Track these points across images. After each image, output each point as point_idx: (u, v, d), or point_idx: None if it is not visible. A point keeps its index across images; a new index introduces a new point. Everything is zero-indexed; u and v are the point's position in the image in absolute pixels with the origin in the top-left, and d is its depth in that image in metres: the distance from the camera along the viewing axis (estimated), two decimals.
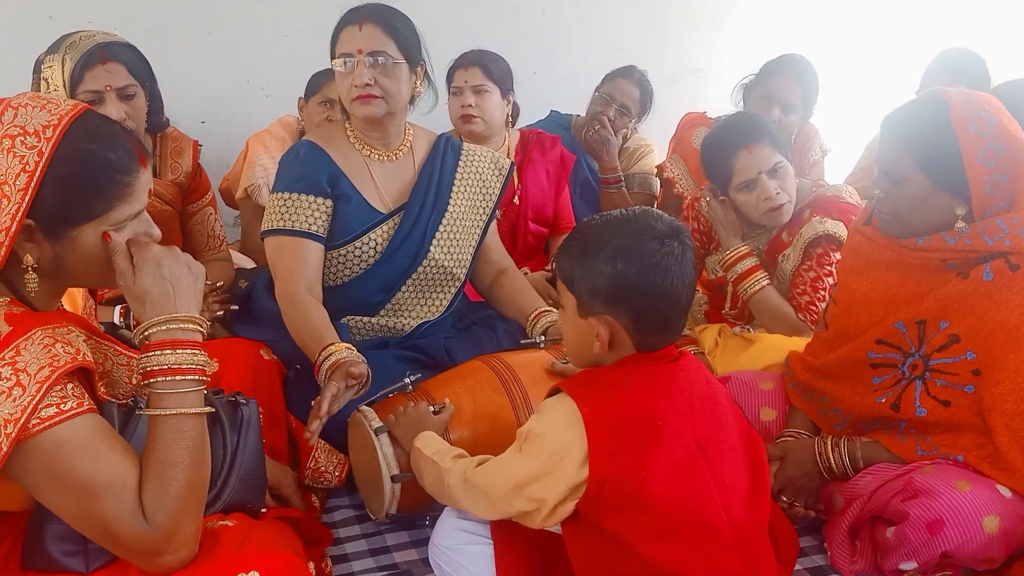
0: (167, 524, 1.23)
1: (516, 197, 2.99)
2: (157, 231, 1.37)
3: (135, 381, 1.38)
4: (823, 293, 2.30)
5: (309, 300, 2.03)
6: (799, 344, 2.12)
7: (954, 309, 1.74)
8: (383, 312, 2.22)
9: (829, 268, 2.31)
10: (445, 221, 2.23)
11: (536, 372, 1.91)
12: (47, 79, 2.20)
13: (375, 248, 2.16)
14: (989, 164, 1.69)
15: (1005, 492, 1.66)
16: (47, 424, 1.19)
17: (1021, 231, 1.67)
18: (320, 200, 2.11)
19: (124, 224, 1.31)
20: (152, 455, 1.26)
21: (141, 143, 1.36)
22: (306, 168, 2.13)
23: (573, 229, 1.52)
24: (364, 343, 2.14)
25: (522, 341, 2.12)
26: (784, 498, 1.85)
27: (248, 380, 1.93)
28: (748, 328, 2.44)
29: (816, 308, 2.30)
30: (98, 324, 1.60)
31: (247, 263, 2.86)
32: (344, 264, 2.16)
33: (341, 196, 2.13)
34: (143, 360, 1.29)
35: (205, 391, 1.33)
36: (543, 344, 2.06)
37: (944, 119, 1.71)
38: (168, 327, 1.30)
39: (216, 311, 2.25)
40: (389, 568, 1.82)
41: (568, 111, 3.57)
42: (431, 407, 1.79)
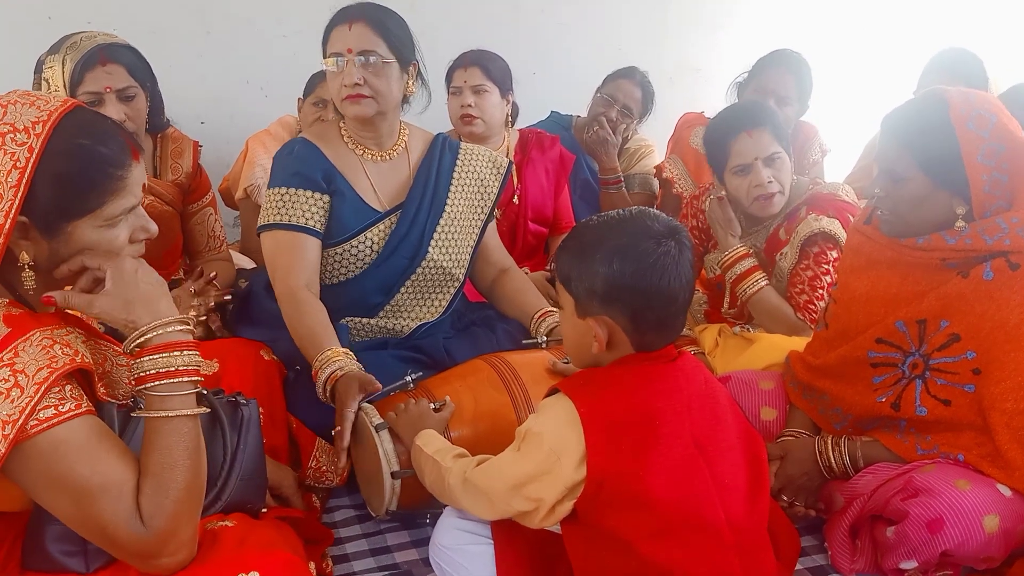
0: (164, 527, 1.23)
1: (516, 197, 2.99)
2: (154, 226, 1.37)
3: (133, 383, 1.38)
4: (821, 292, 2.30)
5: (308, 298, 2.02)
6: (799, 344, 2.12)
7: (954, 308, 1.74)
8: (382, 314, 2.21)
9: (826, 266, 2.30)
10: (443, 221, 2.22)
11: (537, 371, 1.91)
12: (48, 79, 2.21)
13: (372, 248, 2.15)
14: (989, 163, 1.69)
15: (1005, 491, 1.66)
16: (45, 425, 1.19)
17: (1021, 230, 1.67)
18: (317, 195, 2.10)
19: (119, 219, 1.30)
20: (150, 458, 1.26)
21: (133, 137, 1.35)
22: (302, 164, 2.12)
23: (571, 229, 1.53)
24: (363, 343, 2.14)
25: (524, 341, 2.12)
26: (784, 497, 1.85)
27: (248, 380, 1.92)
28: (748, 328, 2.44)
29: (815, 307, 2.30)
30: (97, 325, 1.60)
31: (247, 263, 2.87)
32: (341, 263, 2.15)
33: (336, 193, 2.12)
34: (138, 365, 1.29)
35: (204, 391, 1.33)
36: (545, 344, 2.06)
37: (944, 118, 1.71)
38: (164, 331, 1.29)
39: (212, 300, 2.24)
40: (390, 568, 1.83)
41: (567, 111, 3.57)
42: (432, 404, 1.79)
